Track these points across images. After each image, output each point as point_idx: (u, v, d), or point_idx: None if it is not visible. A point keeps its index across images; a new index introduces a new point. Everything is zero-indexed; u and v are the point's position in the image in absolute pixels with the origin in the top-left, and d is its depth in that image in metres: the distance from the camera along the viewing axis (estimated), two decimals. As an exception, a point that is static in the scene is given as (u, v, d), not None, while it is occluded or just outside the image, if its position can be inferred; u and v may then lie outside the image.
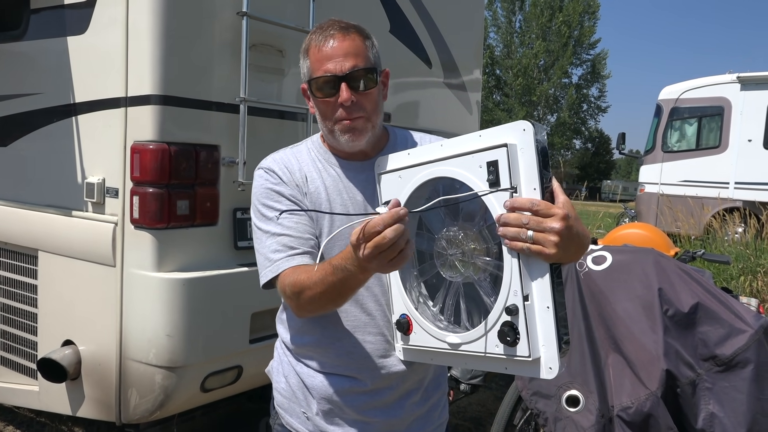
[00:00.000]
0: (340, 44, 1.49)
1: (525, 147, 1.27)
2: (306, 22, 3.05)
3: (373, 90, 1.52)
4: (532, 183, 1.26)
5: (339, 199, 1.58)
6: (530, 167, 1.26)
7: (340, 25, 1.52)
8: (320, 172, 1.60)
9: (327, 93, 1.49)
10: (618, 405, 2.51)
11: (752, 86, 10.57)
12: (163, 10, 2.58)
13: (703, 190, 10.60)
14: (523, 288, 1.26)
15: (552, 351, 1.26)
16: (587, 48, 42.77)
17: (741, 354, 2.46)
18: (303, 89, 1.59)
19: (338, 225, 1.53)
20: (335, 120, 1.51)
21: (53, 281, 3.02)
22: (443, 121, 4.16)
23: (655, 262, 2.71)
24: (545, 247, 1.23)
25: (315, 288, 1.39)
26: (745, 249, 7.00)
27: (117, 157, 2.70)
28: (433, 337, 1.45)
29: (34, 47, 3.12)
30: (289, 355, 1.67)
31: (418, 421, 1.65)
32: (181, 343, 2.61)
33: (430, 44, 3.97)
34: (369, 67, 1.51)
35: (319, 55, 1.49)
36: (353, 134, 1.51)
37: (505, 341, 1.28)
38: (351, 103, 1.48)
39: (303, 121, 3.15)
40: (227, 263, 2.84)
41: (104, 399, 2.79)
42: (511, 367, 1.33)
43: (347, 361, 1.57)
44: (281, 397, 1.69)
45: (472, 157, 1.33)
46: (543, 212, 1.23)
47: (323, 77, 1.48)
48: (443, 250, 1.41)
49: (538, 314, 1.27)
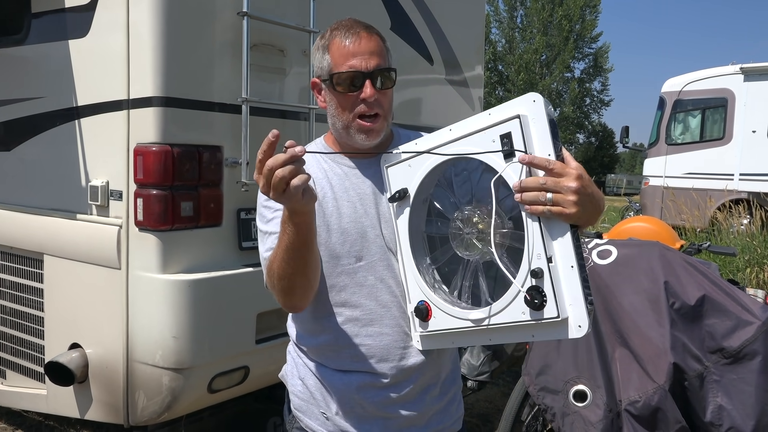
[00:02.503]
0: (366, 43, 1.54)
1: (536, 117, 1.30)
2: (306, 22, 3.05)
3: (390, 89, 1.57)
4: (546, 150, 1.29)
5: (346, 196, 1.59)
6: (543, 135, 1.29)
7: (363, 24, 1.57)
8: (326, 172, 1.62)
9: (350, 88, 1.53)
10: (626, 399, 2.51)
11: (756, 77, 10.53)
12: (163, 12, 2.58)
13: (708, 182, 10.57)
14: (546, 250, 1.28)
15: (580, 309, 1.28)
16: (589, 42, 42.66)
17: (749, 346, 2.45)
18: (314, 83, 1.62)
19: (347, 221, 1.56)
20: (354, 115, 1.54)
21: (59, 285, 3.03)
22: (445, 118, 4.14)
23: (661, 255, 2.70)
24: (565, 207, 1.26)
25: (276, 257, 1.42)
26: (751, 240, 6.98)
27: (120, 159, 2.70)
28: (455, 317, 1.46)
29: (35, 51, 3.13)
30: (304, 357, 1.67)
31: (438, 416, 1.66)
32: (188, 344, 2.61)
33: (432, 41, 3.96)
34: (390, 67, 1.57)
35: (344, 50, 1.53)
36: (370, 135, 1.56)
37: (533, 305, 1.29)
38: (374, 100, 1.53)
39: (305, 120, 3.15)
40: (232, 264, 2.84)
41: (112, 402, 2.80)
42: (539, 333, 1.34)
43: (365, 356, 1.57)
44: (298, 400, 1.69)
45: (484, 133, 1.37)
46: (558, 171, 1.27)
47: (348, 72, 1.52)
48: (458, 230, 1.44)
49: (563, 274, 1.29)
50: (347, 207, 1.58)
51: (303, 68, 3.10)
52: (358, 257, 1.56)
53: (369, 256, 1.57)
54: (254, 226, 2.94)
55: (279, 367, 1.80)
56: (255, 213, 2.96)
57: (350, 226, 1.57)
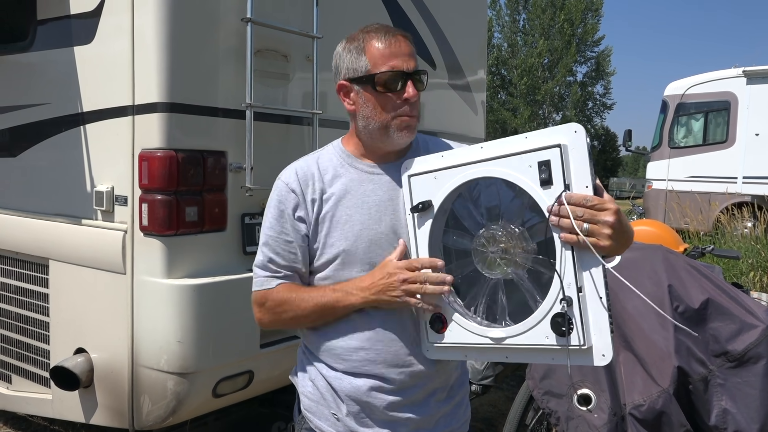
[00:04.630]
0: (405, 45, 1.57)
1: (577, 148, 1.33)
2: (310, 27, 3.06)
3: (421, 92, 1.61)
4: (584, 181, 1.32)
5: (361, 201, 1.59)
6: (582, 167, 1.33)
7: (396, 28, 1.60)
8: (342, 177, 1.62)
9: (391, 88, 1.55)
10: (630, 403, 2.51)
11: (758, 80, 10.52)
12: (168, 18, 2.60)
13: (711, 186, 10.55)
14: (577, 280, 1.31)
15: (605, 339, 1.31)
16: (591, 45, 42.62)
17: (753, 349, 2.45)
18: (343, 85, 1.62)
19: (360, 227, 1.57)
20: (396, 115, 1.56)
21: (64, 290, 3.04)
22: (449, 122, 4.16)
23: (665, 258, 2.70)
24: (600, 239, 1.30)
25: (300, 306, 1.56)
26: (755, 244, 6.97)
27: (125, 165, 2.71)
28: (473, 332, 1.47)
29: (41, 58, 3.14)
30: (315, 359, 1.68)
31: (445, 419, 1.67)
32: (193, 348, 2.62)
33: (434, 46, 3.97)
34: (424, 70, 1.61)
35: (384, 51, 1.55)
36: (409, 131, 1.58)
37: (559, 332, 1.32)
38: (415, 101, 1.56)
39: (309, 125, 3.16)
40: (236, 268, 2.85)
41: (117, 406, 2.81)
42: (559, 357, 1.37)
43: (374, 361, 1.57)
44: (309, 401, 1.69)
45: (521, 157, 1.38)
46: (597, 206, 1.31)
47: (390, 72, 1.54)
48: (483, 248, 1.45)
49: (591, 305, 1.32)
50: (362, 213, 1.58)
51: (307, 73, 3.12)
52: (371, 264, 1.56)
53: (378, 261, 1.56)
54: (258, 230, 2.95)
55: (283, 371, 1.81)
56: (259, 218, 2.97)
57: (364, 233, 1.57)
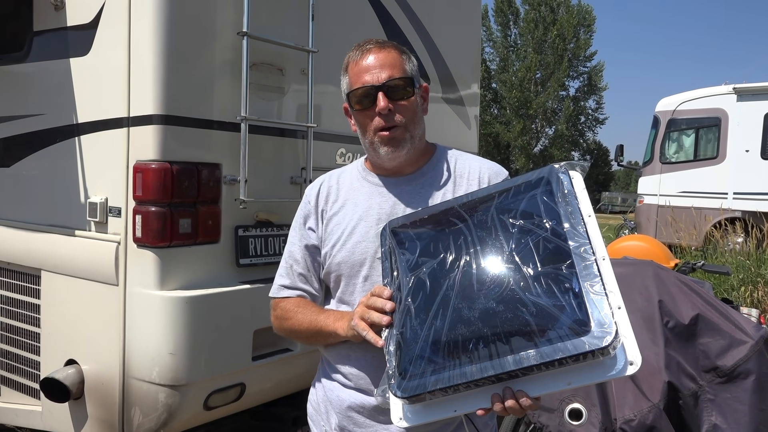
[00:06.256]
0: (376, 56, 1.53)
1: None
2: (305, 41, 3.09)
3: (410, 100, 1.55)
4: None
5: (365, 215, 1.60)
6: None
7: (377, 41, 1.58)
8: (356, 190, 1.64)
9: (365, 104, 1.53)
10: (621, 418, 2.51)
11: (748, 97, 10.63)
12: (165, 31, 2.62)
13: (702, 201, 10.62)
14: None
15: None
16: (583, 61, 42.97)
17: (742, 365, 2.46)
18: (345, 109, 1.63)
19: (357, 240, 1.58)
20: (374, 130, 1.54)
21: (56, 301, 3.03)
22: (442, 136, 4.18)
23: (655, 274, 2.72)
24: None
25: (298, 320, 1.61)
26: (746, 259, 7.01)
27: (119, 176, 2.72)
28: None
29: (37, 69, 3.15)
30: (324, 365, 1.70)
31: None
32: (184, 361, 2.61)
33: (428, 60, 4.01)
34: (406, 77, 1.54)
35: (356, 68, 1.54)
36: (392, 145, 1.54)
37: None
38: (388, 112, 1.51)
39: (303, 138, 3.18)
40: (229, 281, 2.85)
41: (107, 418, 2.79)
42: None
43: (357, 376, 1.58)
44: (312, 409, 1.73)
45: None
46: None
47: (361, 89, 1.52)
48: None
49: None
50: (363, 226, 1.59)
51: (301, 87, 3.14)
52: (365, 277, 1.57)
53: (376, 275, 1.56)
54: (251, 243, 2.96)
55: (275, 384, 1.82)
56: (253, 230, 2.98)
57: (360, 247, 1.57)
